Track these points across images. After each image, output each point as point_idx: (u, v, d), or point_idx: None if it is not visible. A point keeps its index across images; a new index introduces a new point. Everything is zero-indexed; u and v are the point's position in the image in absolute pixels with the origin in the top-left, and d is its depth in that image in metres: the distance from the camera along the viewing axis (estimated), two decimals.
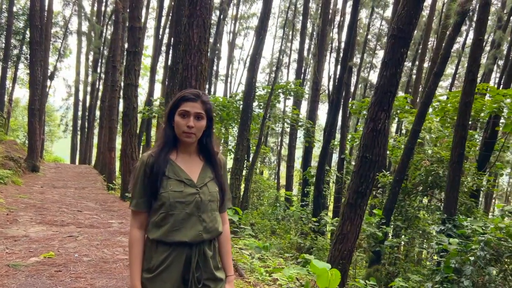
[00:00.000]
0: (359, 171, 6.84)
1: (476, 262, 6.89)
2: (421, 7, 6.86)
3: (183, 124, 1.88)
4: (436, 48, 15.36)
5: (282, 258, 8.57)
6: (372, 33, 25.90)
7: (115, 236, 5.96)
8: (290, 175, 21.68)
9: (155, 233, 1.85)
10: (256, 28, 11.62)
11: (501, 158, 15.78)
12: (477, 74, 8.06)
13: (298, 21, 27.41)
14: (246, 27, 34.36)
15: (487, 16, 8.01)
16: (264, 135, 17.87)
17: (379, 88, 6.77)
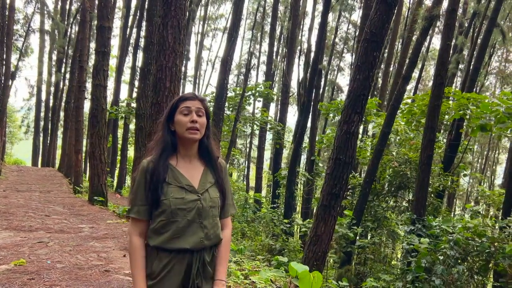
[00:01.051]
0: (333, 173, 6.92)
1: (445, 261, 7.10)
2: (393, 12, 7.02)
3: (187, 121, 1.84)
4: (402, 51, 15.77)
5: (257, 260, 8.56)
6: (339, 36, 26.32)
7: (87, 242, 5.78)
8: (259, 177, 21.68)
9: (156, 240, 1.81)
10: (228, 30, 11.56)
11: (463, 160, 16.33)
12: (445, 78, 8.32)
13: (266, 23, 27.53)
14: (214, 28, 34.25)
15: (454, 22, 8.29)
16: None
17: (352, 91, 6.87)
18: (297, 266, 4.90)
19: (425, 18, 9.32)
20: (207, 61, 34.91)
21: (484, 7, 15.53)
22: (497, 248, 6.60)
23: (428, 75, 33.23)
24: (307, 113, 11.57)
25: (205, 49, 34.72)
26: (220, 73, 11.50)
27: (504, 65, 27.65)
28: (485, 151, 29.55)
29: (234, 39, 11.53)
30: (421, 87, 29.80)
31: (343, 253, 10.31)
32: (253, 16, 28.85)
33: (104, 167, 10.47)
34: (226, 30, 32.72)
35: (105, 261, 4.91)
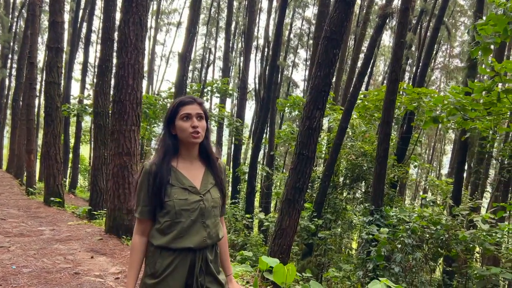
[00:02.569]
0: (297, 167, 7.06)
1: (403, 249, 7.45)
2: (352, 11, 7.25)
3: (188, 126, 1.89)
4: (356, 48, 16.26)
5: None
6: (293, 32, 26.67)
7: (51, 244, 5.61)
8: None
9: (160, 240, 1.86)
10: (186, 26, 11.45)
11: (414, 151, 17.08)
12: (399, 74, 8.69)
13: (221, 18, 27.44)
14: (168, 23, 33.71)
15: (407, 20, 8.66)
16: None
17: (313, 88, 7.03)
18: (268, 259, 5.00)
19: (379, 16, 9.67)
20: (161, 56, 34.33)
21: (431, 5, 16.28)
22: (450, 235, 7.01)
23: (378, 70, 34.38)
24: (267, 109, 11.70)
25: (159, 44, 34.13)
26: (179, 69, 11.39)
27: (448, 60, 29.06)
28: (432, 142, 30.99)
29: (193, 35, 11.46)
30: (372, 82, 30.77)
31: (305, 245, 10.56)
32: (208, 11, 28.64)
33: (60, 167, 10.14)
34: (180, 25, 32.33)
35: (73, 264, 4.81)
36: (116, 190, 6.43)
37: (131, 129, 6.52)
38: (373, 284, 3.13)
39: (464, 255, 7.02)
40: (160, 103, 17.46)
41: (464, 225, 7.96)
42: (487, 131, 10.46)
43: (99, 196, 9.19)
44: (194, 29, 11.63)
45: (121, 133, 6.45)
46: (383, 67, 32.71)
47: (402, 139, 13.20)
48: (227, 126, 20.53)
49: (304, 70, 29.19)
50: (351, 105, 10.18)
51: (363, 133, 11.89)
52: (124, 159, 6.44)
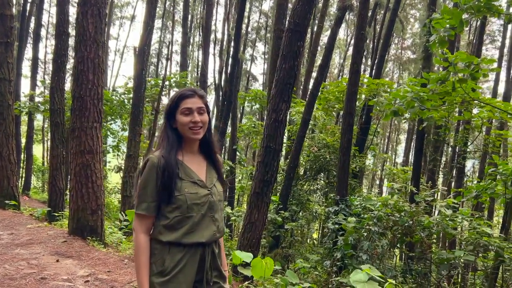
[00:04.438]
0: (264, 160, 7.06)
1: (370, 237, 7.63)
2: (314, 3, 7.30)
3: (188, 121, 1.85)
4: (314, 41, 16.41)
5: None
6: (251, 26, 26.63)
7: (11, 249, 5.31)
8: None
9: (170, 236, 1.80)
10: (144, 19, 11.14)
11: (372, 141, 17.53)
12: (360, 65, 8.85)
13: (177, 11, 26.97)
14: (121, 17, 32.77)
15: (367, 12, 8.82)
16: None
17: (278, 81, 7.04)
18: (241, 254, 4.96)
19: (339, 8, 9.80)
20: (115, 51, 33.35)
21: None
22: (414, 221, 7.23)
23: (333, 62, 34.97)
24: (229, 102, 11.62)
25: (112, 38, 33.13)
26: (138, 63, 11.06)
27: (400, 52, 29.96)
28: (387, 132, 31.93)
29: (151, 28, 11.16)
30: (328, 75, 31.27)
31: (272, 238, 10.61)
32: (163, 4, 28.02)
33: (14, 168, 9.63)
34: (134, 19, 31.48)
35: (38, 269, 4.57)
36: (79, 190, 6.18)
37: (93, 126, 6.28)
38: (354, 274, 3.16)
39: (428, 240, 7.27)
40: (117, 98, 16.99)
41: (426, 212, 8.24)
42: (442, 120, 10.88)
43: (59, 197, 8.82)
44: (152, 22, 11.32)
45: (83, 130, 6.20)
46: (338, 60, 33.28)
47: (361, 129, 13.50)
48: None
49: (263, 63, 29.26)
50: (314, 98, 10.28)
51: (325, 125, 12.06)
52: (86, 157, 6.19)
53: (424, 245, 7.94)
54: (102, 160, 6.69)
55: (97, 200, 6.25)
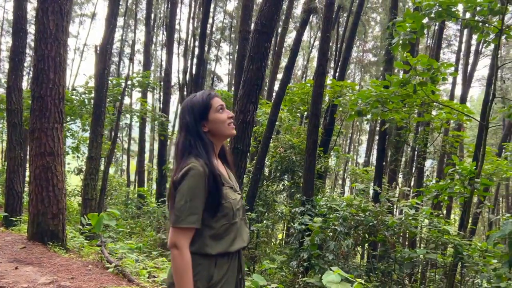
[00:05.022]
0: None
1: (335, 237, 7.72)
2: (281, 4, 7.32)
3: (225, 117, 1.84)
4: (279, 43, 16.48)
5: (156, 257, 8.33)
6: (215, 26, 26.47)
7: None
8: (141, 171, 20.93)
9: (218, 247, 1.73)
10: (106, 17, 10.84)
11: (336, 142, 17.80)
12: (326, 67, 8.95)
13: (139, 9, 26.47)
14: (81, 14, 31.82)
15: (332, 14, 8.93)
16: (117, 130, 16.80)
17: (246, 82, 7.02)
18: None
19: (304, 11, 9.88)
20: (75, 49, 32.35)
21: (349, 1, 16.98)
22: (379, 220, 7.38)
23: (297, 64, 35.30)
24: None
25: (72, 36, 32.13)
26: (100, 62, 10.75)
27: (362, 55, 30.61)
28: (349, 133, 32.52)
29: (114, 26, 10.89)
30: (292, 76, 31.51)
31: None
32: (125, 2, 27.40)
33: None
34: (95, 16, 30.67)
35: None
36: (39, 194, 5.92)
37: (54, 127, 6.04)
38: (326, 275, 3.17)
39: (392, 239, 7.44)
40: (77, 98, 16.46)
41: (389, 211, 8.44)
42: (403, 121, 11.18)
43: (17, 201, 8.43)
44: (115, 20, 11.04)
45: (43, 131, 5.95)
46: (302, 61, 33.63)
47: (325, 130, 13.68)
48: (150, 121, 19.89)
49: (228, 64, 29.15)
50: (280, 99, 10.33)
51: (290, 126, 12.14)
52: (47, 159, 5.95)
53: (387, 244, 8.13)
54: (64, 162, 6.44)
55: (58, 204, 6.02)
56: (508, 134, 18.67)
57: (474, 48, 19.60)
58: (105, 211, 11.65)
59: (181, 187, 1.69)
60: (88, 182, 10.98)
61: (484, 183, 8.98)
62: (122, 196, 20.22)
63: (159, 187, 16.06)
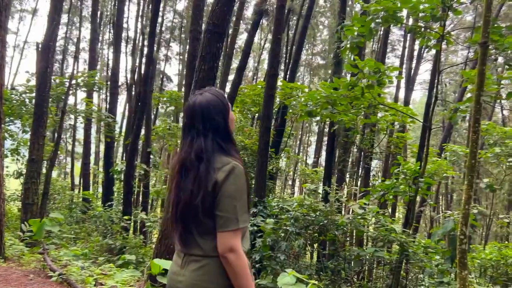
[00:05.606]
0: None
1: (287, 237, 7.77)
2: (233, 5, 7.26)
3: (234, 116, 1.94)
4: (230, 44, 16.40)
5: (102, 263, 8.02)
6: (165, 26, 26.00)
7: None
8: (86, 174, 20.17)
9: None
10: (49, 13, 10.33)
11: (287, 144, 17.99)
12: (278, 69, 9.00)
13: (84, 6, 25.52)
14: (21, 10, 30.23)
15: (283, 16, 9.00)
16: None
17: (198, 82, 6.90)
18: (160, 262, 4.77)
19: (256, 12, 9.90)
20: (14, 46, 30.68)
21: (297, 4, 17.24)
22: (329, 220, 7.50)
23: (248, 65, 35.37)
24: (144, 103, 11.20)
25: (11, 32, 30.42)
26: (42, 60, 10.23)
27: (311, 57, 31.19)
28: (299, 135, 33.04)
29: (57, 23, 10.42)
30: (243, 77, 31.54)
31: None
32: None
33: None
34: (36, 12, 29.25)
35: None
36: None
37: None
38: (281, 277, 3.16)
39: (342, 238, 7.58)
40: (17, 98, 15.60)
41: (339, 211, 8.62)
42: (351, 123, 11.47)
43: None
44: (59, 17, 10.56)
45: None
46: (253, 63, 33.79)
47: (276, 132, 13.78)
48: (95, 122, 19.19)
49: (178, 64, 28.73)
50: (232, 100, 10.28)
51: (242, 127, 12.14)
52: None
53: (337, 243, 8.29)
54: (2, 165, 6.05)
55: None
56: (448, 135, 19.69)
57: (416, 53, 20.51)
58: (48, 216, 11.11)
59: (227, 187, 1.66)
60: (29, 186, 10.41)
61: (428, 182, 9.38)
62: (66, 200, 19.41)
63: (105, 191, 15.52)
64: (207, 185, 1.68)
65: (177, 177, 1.80)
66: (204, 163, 1.71)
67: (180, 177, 1.78)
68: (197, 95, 1.89)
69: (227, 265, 1.65)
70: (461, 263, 5.04)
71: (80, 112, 16.00)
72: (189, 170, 1.75)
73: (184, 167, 1.77)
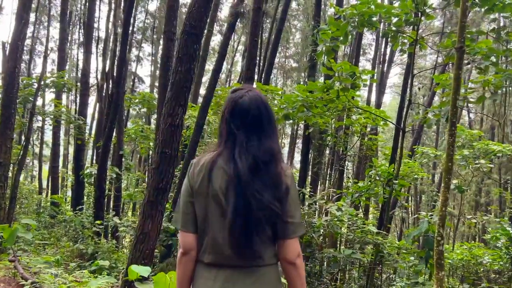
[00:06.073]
0: (159, 167, 6.77)
1: None
2: (210, 6, 7.19)
3: None
4: (204, 45, 16.27)
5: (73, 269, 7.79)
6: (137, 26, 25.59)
7: None
8: (55, 177, 19.59)
9: None
10: (17, 11, 9.99)
11: None
12: (254, 71, 8.96)
13: (53, 5, 24.85)
14: None
15: (260, 19, 8.97)
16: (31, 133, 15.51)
17: (175, 84, 6.81)
18: (138, 268, 4.66)
19: (231, 14, 9.84)
20: None
21: (272, 7, 17.28)
22: (306, 222, 7.51)
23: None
24: (116, 105, 10.94)
25: None
26: (10, 60, 9.85)
27: (284, 60, 31.34)
28: None
29: (26, 21, 10.06)
30: None
31: (164, 247, 10.20)
32: None
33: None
34: (1, 10, 28.25)
35: None
36: None
37: None
38: None
39: (319, 241, 7.61)
40: None
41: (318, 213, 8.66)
42: (326, 125, 11.56)
43: None
44: (27, 15, 10.20)
45: None
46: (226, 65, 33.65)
47: None
48: (64, 124, 18.68)
49: (150, 65, 28.33)
50: (207, 102, 10.16)
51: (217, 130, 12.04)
52: None
53: (314, 245, 8.32)
54: None
55: None
56: (418, 138, 20.14)
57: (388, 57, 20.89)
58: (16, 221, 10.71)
59: (294, 192, 1.67)
60: None
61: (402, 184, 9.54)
62: (33, 205, 18.85)
63: (75, 194, 15.10)
64: (281, 190, 1.61)
65: (235, 181, 1.64)
66: (276, 165, 1.63)
67: (242, 181, 1.63)
68: (254, 93, 1.77)
69: (295, 270, 1.65)
70: (438, 264, 5.12)
71: (49, 114, 15.53)
72: (257, 172, 1.63)
73: (251, 169, 1.63)
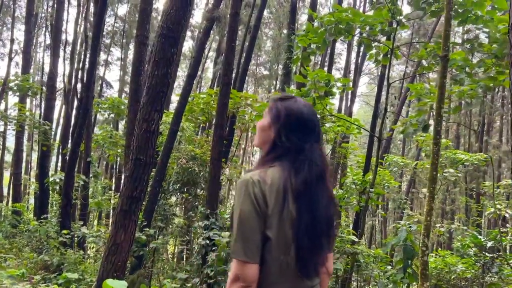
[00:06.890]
0: (133, 174, 6.50)
1: None
2: (189, 9, 7.01)
3: None
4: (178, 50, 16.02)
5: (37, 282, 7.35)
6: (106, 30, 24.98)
7: None
8: (17, 184, 18.69)
9: None
10: None
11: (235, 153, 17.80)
12: (231, 77, 8.79)
13: (18, 6, 23.95)
14: None
15: (237, 24, 8.82)
16: None
17: (151, 88, 6.58)
18: (114, 283, 4.38)
19: (207, 19, 9.66)
20: None
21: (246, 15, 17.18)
22: None
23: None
24: (85, 110, 10.52)
25: None
26: None
27: (256, 68, 31.33)
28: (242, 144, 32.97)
29: None
30: None
31: (135, 258, 9.83)
32: None
33: None
34: None
35: None
36: None
37: None
38: None
39: None
40: None
41: None
42: None
43: None
44: None
45: None
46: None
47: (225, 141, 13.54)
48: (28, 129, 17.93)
49: (119, 69, 27.71)
50: (182, 108, 9.92)
51: (191, 136, 11.78)
52: None
53: None
54: None
55: None
56: (387, 146, 20.44)
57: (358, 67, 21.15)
58: None
59: None
60: None
61: (378, 193, 9.54)
62: None
63: (39, 203, 14.43)
64: (335, 202, 1.58)
65: (307, 196, 1.52)
66: (328, 174, 1.56)
67: (312, 194, 1.52)
68: (304, 101, 1.73)
69: (327, 281, 1.69)
70: (422, 275, 5.07)
71: (12, 119, 14.84)
72: (323, 184, 1.56)
73: (318, 180, 1.55)
